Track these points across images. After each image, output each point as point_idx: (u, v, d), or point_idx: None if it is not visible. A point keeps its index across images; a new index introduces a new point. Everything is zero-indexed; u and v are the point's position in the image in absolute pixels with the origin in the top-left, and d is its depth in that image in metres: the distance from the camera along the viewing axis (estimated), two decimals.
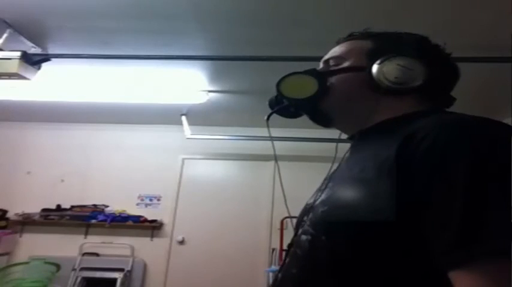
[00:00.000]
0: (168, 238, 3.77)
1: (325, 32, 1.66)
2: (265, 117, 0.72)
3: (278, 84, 0.66)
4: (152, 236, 3.77)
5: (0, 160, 4.07)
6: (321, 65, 0.71)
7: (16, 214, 3.78)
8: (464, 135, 0.45)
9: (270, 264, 3.45)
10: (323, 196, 0.59)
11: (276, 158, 0.82)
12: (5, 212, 3.79)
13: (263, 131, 0.71)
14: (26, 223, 3.77)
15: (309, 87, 0.64)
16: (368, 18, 1.76)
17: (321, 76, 0.65)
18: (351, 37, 0.69)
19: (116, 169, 3.97)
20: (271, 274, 3.18)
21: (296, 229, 0.64)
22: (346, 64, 0.65)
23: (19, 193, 3.94)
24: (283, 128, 3.29)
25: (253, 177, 3.89)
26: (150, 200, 3.91)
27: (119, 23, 2.01)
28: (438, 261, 0.41)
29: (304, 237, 0.56)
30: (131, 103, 3.20)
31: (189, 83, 2.80)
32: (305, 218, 0.62)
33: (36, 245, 3.69)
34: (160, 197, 3.91)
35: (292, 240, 0.62)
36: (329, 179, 0.64)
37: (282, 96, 0.67)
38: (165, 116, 3.68)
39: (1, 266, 3.10)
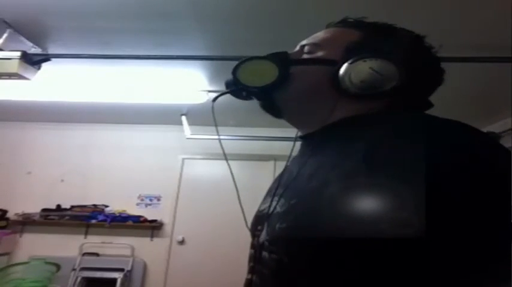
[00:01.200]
0: (168, 238, 3.77)
1: None
2: (212, 99, 0.67)
3: (236, 68, 0.60)
4: (152, 236, 3.77)
5: (0, 160, 4.07)
6: (297, 48, 0.64)
7: (16, 214, 3.78)
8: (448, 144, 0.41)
9: None
10: (278, 208, 0.52)
11: (225, 155, 0.78)
12: (5, 212, 3.79)
13: (263, 131, 0.70)
14: (26, 223, 3.77)
15: (267, 75, 0.57)
16: (366, 17, 1.76)
17: (284, 64, 0.58)
18: (341, 24, 0.63)
19: (116, 169, 3.97)
20: None
21: (252, 237, 0.59)
22: (318, 54, 0.58)
23: (19, 193, 3.93)
24: (284, 128, 3.30)
25: (253, 177, 3.88)
26: (150, 200, 3.91)
27: (118, 23, 2.01)
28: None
29: (267, 255, 0.50)
30: (131, 103, 3.19)
31: (189, 83, 2.80)
32: (259, 227, 0.56)
33: (36, 245, 3.69)
34: (160, 197, 3.91)
35: (252, 254, 0.56)
36: (282, 184, 0.58)
37: (236, 82, 0.60)
38: (165, 116, 3.68)
39: (1, 266, 3.10)
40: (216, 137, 0.75)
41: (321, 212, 0.44)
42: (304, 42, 0.63)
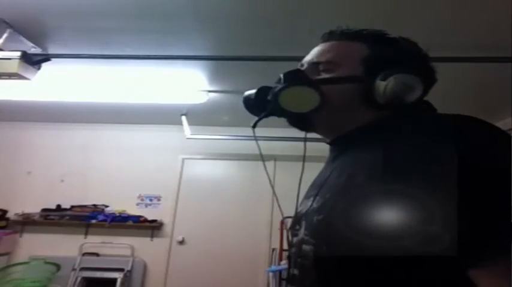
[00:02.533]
0: (168, 238, 3.77)
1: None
2: (251, 125, 0.70)
3: (277, 95, 0.62)
4: (152, 236, 3.77)
5: (0, 160, 4.07)
6: (305, 65, 0.66)
7: (16, 214, 3.78)
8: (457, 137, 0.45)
9: (270, 264, 3.45)
10: (315, 204, 0.57)
11: (262, 158, 0.81)
12: (5, 212, 3.79)
13: (263, 131, 0.71)
14: (26, 223, 3.77)
15: (309, 101, 0.60)
16: (368, 17, 1.76)
17: (319, 88, 0.61)
18: (339, 36, 0.65)
19: (116, 169, 3.97)
20: (271, 274, 3.18)
21: (292, 237, 0.63)
22: (341, 72, 0.61)
23: (19, 193, 3.94)
24: (284, 128, 3.29)
25: (253, 177, 3.88)
26: (150, 200, 3.91)
27: (119, 23, 2.01)
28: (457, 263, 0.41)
29: (307, 247, 0.55)
30: (131, 103, 3.19)
31: (189, 83, 2.80)
32: (297, 227, 0.61)
33: (36, 245, 3.69)
34: (160, 197, 3.91)
35: (290, 250, 0.61)
36: (316, 185, 0.63)
37: (281, 110, 0.62)
38: (165, 116, 3.68)
39: (1, 266, 3.10)
40: (216, 137, 0.76)
41: (351, 204, 0.49)
42: (313, 59, 0.65)
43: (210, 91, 2.92)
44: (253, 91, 0.70)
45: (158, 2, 1.81)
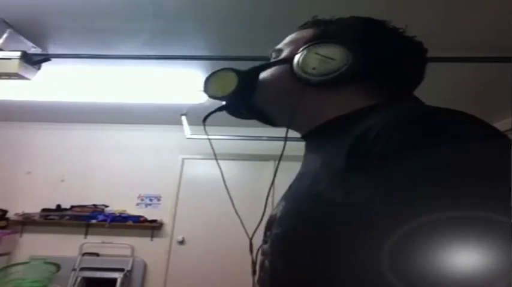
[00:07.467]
0: (168, 238, 3.77)
1: None
2: (202, 120, 0.68)
3: (205, 83, 0.62)
4: (152, 236, 3.77)
5: (0, 160, 4.07)
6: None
7: (16, 214, 3.78)
8: (423, 132, 0.35)
9: None
10: (279, 212, 0.49)
11: (215, 156, 0.79)
12: (5, 212, 3.79)
13: (263, 131, 0.71)
14: (26, 223, 3.77)
15: (230, 84, 0.60)
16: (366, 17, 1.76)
17: (244, 72, 0.60)
18: (302, 26, 0.63)
19: (116, 169, 3.97)
20: None
21: (262, 244, 0.56)
22: (280, 57, 0.59)
23: (19, 193, 3.94)
24: (283, 128, 3.27)
25: (253, 177, 3.89)
26: (150, 200, 3.91)
27: (119, 23, 2.01)
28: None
29: (267, 263, 0.48)
30: (131, 103, 3.19)
31: (189, 83, 2.80)
32: (268, 233, 0.52)
33: (36, 245, 3.69)
34: (160, 197, 3.91)
35: (260, 262, 0.54)
36: (288, 188, 0.57)
37: (208, 95, 0.62)
38: (165, 116, 3.68)
39: (1, 266, 3.10)
40: (216, 137, 0.76)
41: (310, 221, 0.40)
42: (270, 50, 0.65)
43: None
44: None
45: (158, 2, 1.81)
